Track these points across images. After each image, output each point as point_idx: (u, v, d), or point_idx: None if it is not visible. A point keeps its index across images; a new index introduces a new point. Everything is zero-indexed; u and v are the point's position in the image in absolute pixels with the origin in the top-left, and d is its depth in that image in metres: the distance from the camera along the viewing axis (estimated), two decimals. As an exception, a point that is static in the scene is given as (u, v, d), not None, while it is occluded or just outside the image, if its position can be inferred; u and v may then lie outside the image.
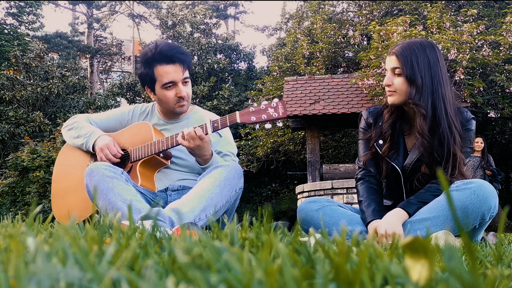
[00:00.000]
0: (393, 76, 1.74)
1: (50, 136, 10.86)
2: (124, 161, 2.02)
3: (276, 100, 1.81)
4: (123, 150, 2.04)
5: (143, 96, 13.89)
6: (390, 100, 1.76)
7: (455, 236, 1.60)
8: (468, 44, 6.49)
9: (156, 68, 1.98)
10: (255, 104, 1.84)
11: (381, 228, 1.64)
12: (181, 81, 2.00)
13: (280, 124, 1.84)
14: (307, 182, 7.44)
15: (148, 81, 2.01)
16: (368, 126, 1.91)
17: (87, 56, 21.44)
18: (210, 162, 1.88)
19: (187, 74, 2.03)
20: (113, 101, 14.67)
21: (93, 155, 2.11)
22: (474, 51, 6.64)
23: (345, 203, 5.34)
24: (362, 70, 7.64)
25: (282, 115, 1.78)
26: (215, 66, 14.23)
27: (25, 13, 16.37)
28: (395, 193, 1.86)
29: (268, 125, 1.81)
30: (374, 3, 9.62)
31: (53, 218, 2.19)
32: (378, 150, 1.83)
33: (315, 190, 6.54)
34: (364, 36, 9.75)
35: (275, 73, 10.41)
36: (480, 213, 1.59)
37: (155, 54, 1.98)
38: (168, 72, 1.98)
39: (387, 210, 1.76)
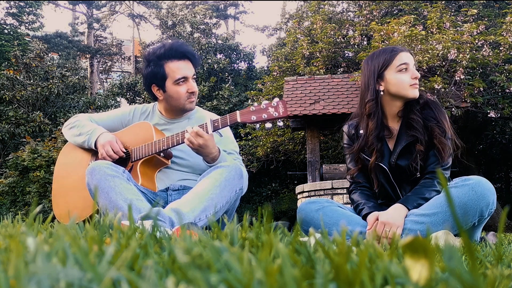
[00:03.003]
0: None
1: (51, 136, 10.85)
2: (125, 160, 2.02)
3: (276, 99, 1.81)
4: (124, 149, 2.04)
5: (143, 96, 13.88)
6: (417, 92, 1.84)
7: (455, 235, 1.60)
8: (468, 44, 6.49)
9: (167, 64, 2.00)
10: (256, 104, 1.83)
11: (382, 216, 1.69)
12: (191, 77, 2.02)
13: (280, 124, 1.84)
14: (307, 182, 7.43)
15: (158, 78, 2.02)
16: (350, 139, 1.98)
17: (87, 56, 21.43)
18: (219, 160, 1.88)
19: (194, 71, 2.06)
20: (113, 101, 14.66)
21: (94, 154, 2.11)
22: (474, 51, 6.63)
23: (345, 203, 5.34)
24: (362, 70, 7.62)
25: (282, 114, 1.78)
26: (215, 66, 14.22)
27: (25, 13, 16.35)
28: (388, 195, 1.89)
29: (268, 125, 1.81)
30: (374, 3, 9.62)
31: (53, 218, 2.19)
32: (366, 160, 1.89)
33: (315, 190, 6.54)
34: (364, 36, 9.74)
35: (275, 73, 10.40)
36: (479, 209, 1.61)
37: (167, 50, 2.00)
38: (180, 67, 2.00)
39: (381, 208, 1.80)
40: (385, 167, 1.84)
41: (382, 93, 1.85)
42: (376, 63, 1.86)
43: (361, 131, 1.91)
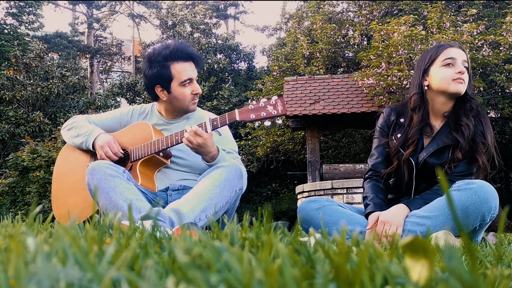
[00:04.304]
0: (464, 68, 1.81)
1: (51, 136, 10.86)
2: (124, 160, 2.02)
3: (275, 97, 1.81)
4: (123, 149, 2.04)
5: (143, 96, 13.88)
6: (461, 88, 1.80)
7: (455, 237, 1.60)
8: (468, 44, 6.49)
9: (173, 65, 2.00)
10: (254, 102, 1.83)
11: (382, 216, 1.68)
12: (195, 78, 2.05)
13: (279, 122, 1.84)
14: (307, 182, 7.43)
15: (164, 79, 2.01)
16: (386, 125, 1.93)
17: (87, 56, 21.43)
18: (217, 159, 1.88)
19: (197, 72, 2.08)
20: (113, 101, 14.66)
21: (93, 154, 2.11)
22: (474, 51, 6.63)
23: (345, 203, 5.34)
24: (362, 70, 7.63)
25: (281, 112, 1.78)
26: (215, 66, 14.22)
27: (25, 13, 16.35)
28: (402, 188, 1.88)
29: (267, 123, 1.81)
30: (374, 3, 9.62)
31: (53, 218, 2.19)
32: (402, 152, 1.86)
33: (315, 190, 6.54)
34: (364, 36, 9.74)
35: (275, 73, 10.41)
36: (481, 214, 1.60)
37: (173, 51, 2.00)
38: (186, 69, 2.01)
39: (390, 204, 1.79)
40: (413, 162, 1.82)
41: (426, 87, 1.85)
42: (424, 59, 1.88)
43: (402, 120, 1.89)
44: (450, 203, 0.35)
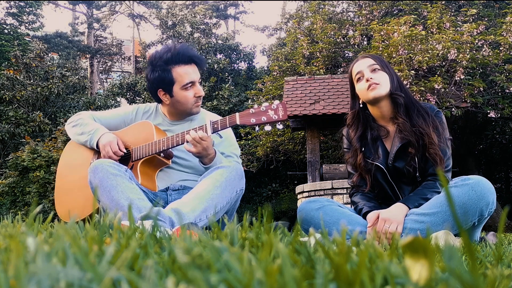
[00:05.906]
0: (372, 73, 1.87)
1: (51, 136, 10.86)
2: (126, 159, 2.02)
3: (276, 102, 1.80)
4: (125, 148, 2.04)
5: (143, 96, 13.89)
6: (377, 91, 1.84)
7: (455, 235, 1.60)
8: (468, 44, 6.49)
9: (174, 69, 1.98)
10: (256, 106, 1.82)
11: (383, 214, 1.70)
12: (197, 81, 2.02)
13: (280, 127, 1.83)
14: (307, 182, 7.43)
15: (166, 83, 1.99)
16: (350, 143, 2.01)
17: (87, 56, 21.42)
18: (214, 161, 1.88)
19: (200, 74, 2.06)
20: (113, 101, 14.68)
21: (96, 152, 2.11)
22: (474, 51, 6.63)
23: (345, 203, 5.34)
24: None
25: (282, 118, 1.77)
26: (215, 66, 14.23)
27: (25, 13, 16.34)
28: (388, 196, 1.89)
29: (268, 127, 1.80)
30: (374, 3, 9.61)
31: (53, 218, 2.19)
32: (368, 161, 1.91)
33: (315, 190, 6.53)
34: (364, 36, 9.73)
35: (275, 73, 10.41)
36: (479, 209, 1.61)
37: (174, 55, 1.98)
38: (188, 72, 1.99)
39: (381, 209, 1.80)
40: (382, 167, 1.85)
41: (361, 105, 1.94)
42: (349, 85, 2.00)
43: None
44: (450, 201, 0.35)
